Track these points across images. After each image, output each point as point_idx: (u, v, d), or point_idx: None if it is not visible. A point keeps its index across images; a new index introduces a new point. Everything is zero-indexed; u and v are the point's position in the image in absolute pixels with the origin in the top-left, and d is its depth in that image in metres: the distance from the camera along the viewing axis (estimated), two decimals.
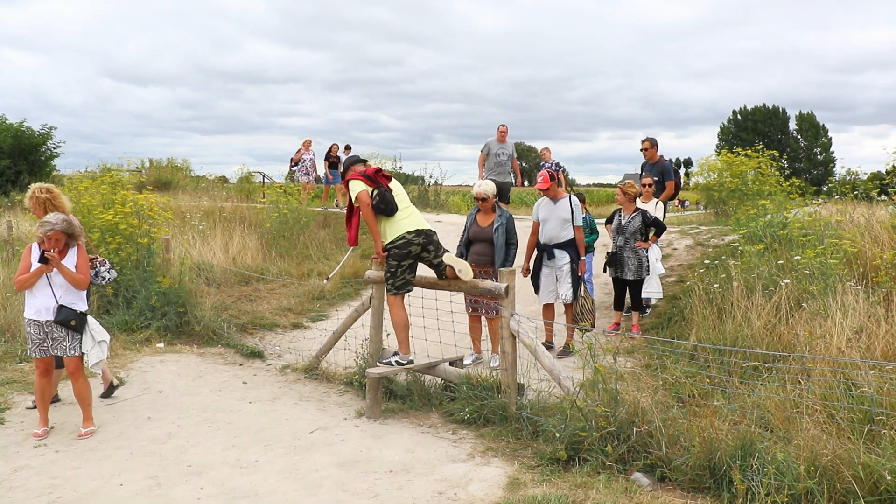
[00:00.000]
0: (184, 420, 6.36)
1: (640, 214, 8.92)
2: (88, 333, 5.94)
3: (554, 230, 8.22)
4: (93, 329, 5.99)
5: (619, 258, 8.92)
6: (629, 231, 8.87)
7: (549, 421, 5.54)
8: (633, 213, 8.95)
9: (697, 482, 4.63)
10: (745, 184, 14.79)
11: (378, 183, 6.80)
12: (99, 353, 5.99)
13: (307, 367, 7.99)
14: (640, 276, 8.83)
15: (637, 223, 8.87)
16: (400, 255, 6.72)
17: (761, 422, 5.08)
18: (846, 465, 4.17)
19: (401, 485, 4.97)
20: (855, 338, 6.06)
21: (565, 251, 8.19)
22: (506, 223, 7.80)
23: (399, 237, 6.71)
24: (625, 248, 8.88)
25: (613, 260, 8.98)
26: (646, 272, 8.85)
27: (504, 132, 13.62)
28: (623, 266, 8.89)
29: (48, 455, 5.51)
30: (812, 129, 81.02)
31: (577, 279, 8.20)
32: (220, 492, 4.88)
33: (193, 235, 13.39)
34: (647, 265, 8.85)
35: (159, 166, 27.99)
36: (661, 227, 9.05)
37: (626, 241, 8.88)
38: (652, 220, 8.96)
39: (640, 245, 8.83)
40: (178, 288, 9.41)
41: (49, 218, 5.83)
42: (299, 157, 19.84)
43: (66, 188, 12.36)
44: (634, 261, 8.82)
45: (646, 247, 8.86)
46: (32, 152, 26.78)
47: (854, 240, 7.99)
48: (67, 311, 5.81)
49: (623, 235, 8.91)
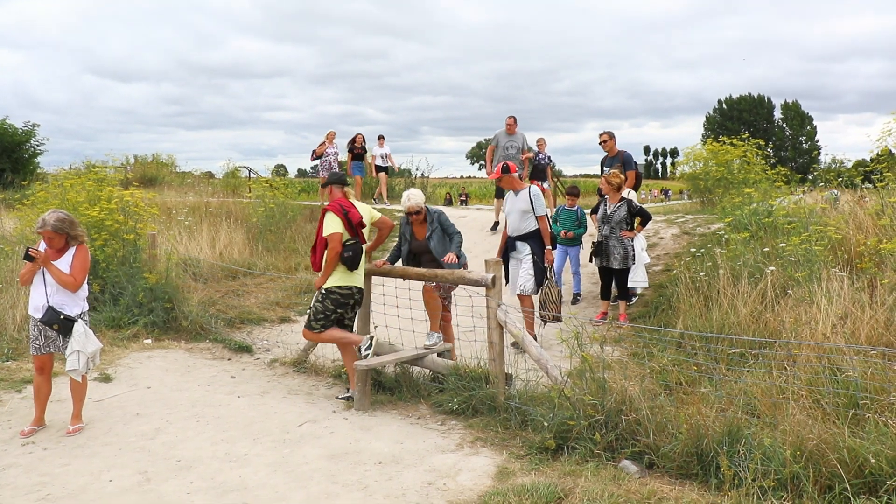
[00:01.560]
0: (172, 415, 6.35)
1: (625, 203, 8.91)
2: (76, 339, 5.79)
3: (515, 222, 8.19)
4: (74, 337, 5.79)
5: (605, 248, 8.92)
6: (615, 220, 8.86)
7: (537, 410, 5.56)
8: (618, 203, 8.94)
9: (685, 469, 4.66)
10: (731, 172, 14.83)
11: (355, 232, 6.69)
12: (74, 361, 5.77)
13: (295, 360, 7.99)
14: (626, 265, 8.83)
15: (623, 212, 8.86)
16: (339, 302, 6.67)
17: (748, 408, 5.11)
18: (832, 450, 4.21)
19: (390, 476, 4.98)
20: (840, 323, 6.10)
21: (526, 243, 8.10)
22: (437, 227, 7.34)
23: (347, 287, 6.69)
24: (610, 238, 8.88)
25: (599, 249, 8.97)
26: (632, 261, 8.85)
27: (512, 124, 13.22)
28: (609, 255, 8.90)
29: (36, 452, 5.48)
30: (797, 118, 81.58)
31: (541, 270, 8.06)
32: (209, 486, 4.87)
33: (180, 231, 13.33)
34: (633, 254, 8.84)
35: (144, 162, 27.82)
36: (646, 216, 9.06)
37: (611, 231, 8.87)
38: (637, 210, 8.97)
39: (625, 234, 8.83)
40: (164, 284, 9.36)
41: (45, 216, 5.79)
42: (322, 150, 17.73)
43: (52, 185, 12.30)
44: (620, 250, 8.82)
45: (631, 236, 8.86)
46: (16, 150, 26.60)
47: (838, 226, 8.04)
48: (52, 314, 5.72)
49: (609, 225, 8.89)
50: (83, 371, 5.88)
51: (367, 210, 6.99)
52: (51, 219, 5.72)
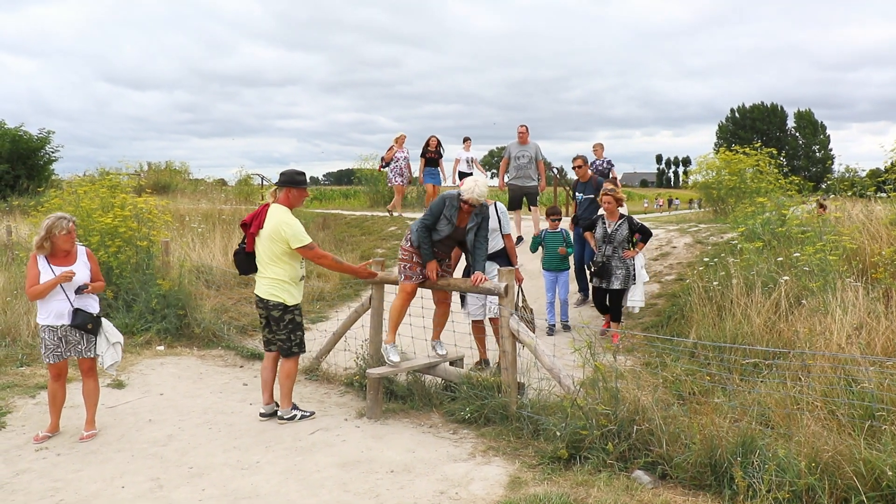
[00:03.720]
0: (185, 422, 6.36)
1: (626, 221, 8.65)
2: (103, 335, 5.95)
3: None
4: (107, 331, 6.00)
5: (607, 268, 8.59)
6: (617, 240, 8.58)
7: (549, 420, 5.55)
8: (618, 221, 8.66)
9: (698, 479, 4.63)
10: (744, 181, 14.78)
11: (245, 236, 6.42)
12: (114, 354, 6.00)
13: (307, 368, 7.99)
14: (626, 285, 8.59)
15: (624, 231, 8.60)
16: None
17: (762, 419, 5.08)
18: (847, 462, 4.17)
19: (402, 485, 4.97)
20: (855, 334, 6.07)
21: (495, 262, 7.38)
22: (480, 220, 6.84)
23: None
24: (613, 258, 8.58)
25: (602, 270, 8.63)
26: (632, 281, 8.62)
27: (523, 133, 12.55)
28: (611, 276, 8.58)
29: (50, 458, 5.51)
30: (810, 127, 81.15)
31: None
32: (221, 493, 4.88)
33: (193, 238, 13.39)
34: (633, 274, 8.62)
35: (158, 170, 28.01)
36: (647, 233, 8.76)
37: (614, 251, 8.58)
38: (638, 227, 8.70)
39: (628, 254, 8.57)
40: (177, 290, 9.41)
41: (57, 217, 5.85)
42: (391, 155, 16.13)
43: (66, 192, 12.38)
44: (622, 270, 8.56)
45: (633, 254, 8.60)
46: (31, 157, 26.81)
47: (853, 236, 7.99)
48: (84, 315, 5.82)
49: (611, 244, 8.59)
50: (119, 360, 6.09)
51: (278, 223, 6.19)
52: (68, 216, 5.89)
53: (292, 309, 6.31)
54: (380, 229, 15.71)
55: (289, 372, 6.39)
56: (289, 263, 6.22)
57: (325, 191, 42.75)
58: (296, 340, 6.40)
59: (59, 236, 5.76)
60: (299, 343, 6.43)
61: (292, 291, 6.28)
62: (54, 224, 5.77)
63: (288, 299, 6.25)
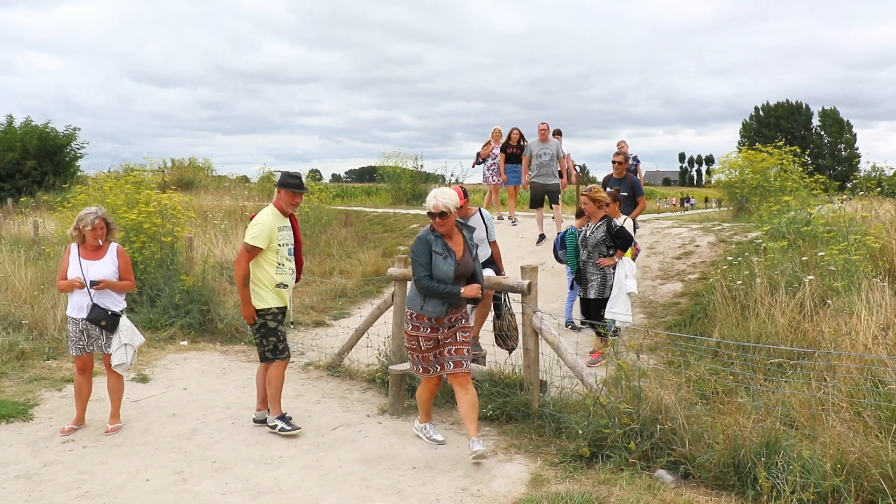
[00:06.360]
0: (208, 417, 6.42)
1: (604, 223, 7.67)
2: (118, 334, 5.98)
3: None
4: (122, 330, 5.98)
5: (583, 275, 7.80)
6: (591, 243, 7.68)
7: (571, 418, 5.54)
8: (598, 223, 7.72)
9: (722, 479, 4.60)
10: (767, 180, 14.62)
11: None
12: (122, 355, 5.96)
13: (330, 364, 8.02)
14: (602, 294, 7.64)
15: (600, 234, 7.64)
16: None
17: (786, 419, 5.04)
18: (874, 463, 4.14)
19: (424, 481, 4.99)
20: (881, 334, 5.99)
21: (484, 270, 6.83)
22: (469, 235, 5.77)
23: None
24: (587, 263, 7.74)
25: (578, 276, 7.95)
26: (608, 290, 7.61)
27: (545, 130, 12.38)
28: (586, 283, 7.76)
29: (76, 450, 5.58)
30: (836, 125, 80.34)
31: (497, 300, 7.15)
32: (244, 487, 4.92)
33: (216, 234, 13.51)
34: (610, 283, 7.60)
35: (181, 166, 28.21)
36: (625, 238, 7.68)
37: (588, 256, 7.72)
38: (617, 230, 7.65)
39: (603, 262, 7.62)
40: (201, 286, 9.49)
41: (89, 209, 5.94)
42: (488, 151, 14.36)
43: (91, 188, 12.52)
44: (597, 278, 7.66)
45: (610, 264, 7.61)
46: (57, 153, 27.16)
47: (878, 235, 7.90)
48: (98, 311, 5.87)
49: (586, 249, 7.74)
50: (131, 364, 6.06)
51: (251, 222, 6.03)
52: (100, 212, 5.95)
53: (262, 313, 5.97)
54: (402, 226, 15.73)
55: (270, 378, 6.08)
56: (262, 267, 5.95)
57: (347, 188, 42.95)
58: (268, 346, 6.04)
59: (85, 231, 5.85)
60: (273, 349, 6.05)
61: (262, 295, 5.96)
62: (82, 217, 5.89)
63: (258, 303, 5.96)
